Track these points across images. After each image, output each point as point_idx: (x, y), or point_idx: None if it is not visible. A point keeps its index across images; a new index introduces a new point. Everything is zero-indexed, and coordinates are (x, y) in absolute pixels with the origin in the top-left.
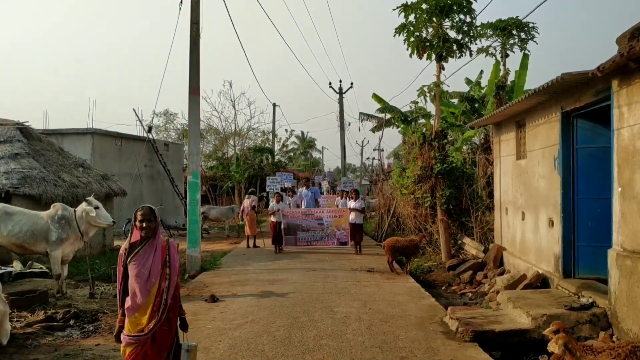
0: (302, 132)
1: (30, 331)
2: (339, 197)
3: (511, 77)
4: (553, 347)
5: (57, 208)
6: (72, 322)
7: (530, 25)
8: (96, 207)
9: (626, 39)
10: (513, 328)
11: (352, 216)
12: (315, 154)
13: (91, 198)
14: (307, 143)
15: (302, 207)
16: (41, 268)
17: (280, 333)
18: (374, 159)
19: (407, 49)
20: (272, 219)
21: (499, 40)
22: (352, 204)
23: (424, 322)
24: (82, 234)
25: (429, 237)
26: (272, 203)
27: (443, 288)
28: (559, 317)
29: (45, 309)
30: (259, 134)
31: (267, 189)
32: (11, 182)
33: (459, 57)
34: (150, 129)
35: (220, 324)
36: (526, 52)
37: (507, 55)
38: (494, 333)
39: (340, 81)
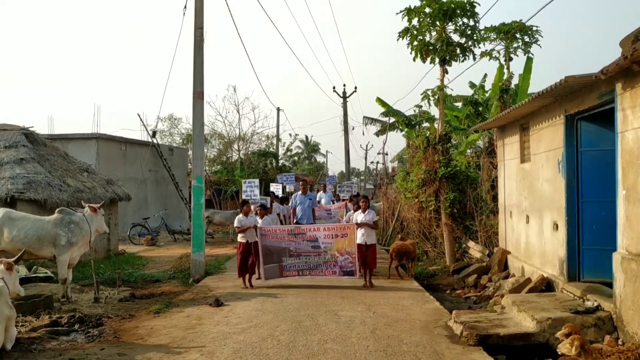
0: (306, 136)
1: (35, 336)
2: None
3: (515, 81)
4: (567, 348)
5: (64, 212)
6: (76, 326)
7: (534, 28)
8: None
9: (630, 41)
10: (518, 332)
11: (359, 234)
12: (320, 158)
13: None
14: (311, 147)
15: (297, 217)
16: (46, 272)
17: (285, 337)
18: (378, 162)
19: (411, 53)
20: (240, 239)
21: (502, 43)
22: (360, 216)
23: (428, 326)
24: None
25: (434, 240)
26: (240, 216)
27: (447, 292)
28: (564, 321)
29: (50, 313)
30: (263, 139)
31: (244, 196)
32: (16, 187)
33: (463, 61)
34: (154, 134)
35: (224, 328)
36: (530, 55)
37: (510, 59)
38: (498, 337)
39: (344, 85)
